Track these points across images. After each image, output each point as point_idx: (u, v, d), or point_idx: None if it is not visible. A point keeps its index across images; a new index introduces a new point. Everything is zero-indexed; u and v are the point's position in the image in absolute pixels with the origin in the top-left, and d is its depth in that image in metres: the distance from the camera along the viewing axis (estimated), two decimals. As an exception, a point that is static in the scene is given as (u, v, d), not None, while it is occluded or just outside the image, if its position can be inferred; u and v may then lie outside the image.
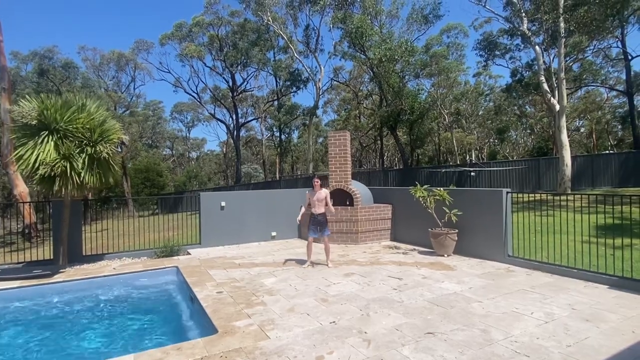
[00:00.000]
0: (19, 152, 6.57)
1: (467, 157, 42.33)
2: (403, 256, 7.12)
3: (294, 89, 28.73)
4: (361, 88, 36.81)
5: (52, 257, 7.43)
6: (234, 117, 32.90)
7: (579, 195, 8.67)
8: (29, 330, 4.71)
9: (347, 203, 8.69)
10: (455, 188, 8.15)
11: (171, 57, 43.99)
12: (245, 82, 33.41)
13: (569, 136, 21.52)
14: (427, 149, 43.02)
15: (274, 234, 9.46)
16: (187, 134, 55.01)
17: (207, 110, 39.31)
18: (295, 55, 25.99)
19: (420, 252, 7.40)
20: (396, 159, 47.80)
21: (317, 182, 6.67)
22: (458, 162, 33.23)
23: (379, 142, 34.40)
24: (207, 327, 3.99)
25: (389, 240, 8.86)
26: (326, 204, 6.58)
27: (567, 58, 20.35)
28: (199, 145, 60.03)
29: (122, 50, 31.75)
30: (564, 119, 15.45)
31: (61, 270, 6.72)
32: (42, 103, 6.75)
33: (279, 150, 37.06)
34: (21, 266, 7.18)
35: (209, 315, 4.16)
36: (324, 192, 6.58)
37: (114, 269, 6.82)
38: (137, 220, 13.71)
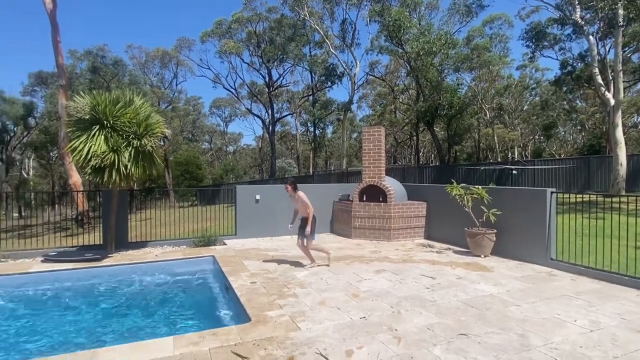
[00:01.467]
0: (74, 144, 7.08)
1: (509, 154, 40.33)
2: (437, 255, 6.96)
3: (329, 84, 28.66)
4: (397, 82, 36.08)
5: (101, 243, 7.99)
6: (270, 112, 33.44)
7: (634, 197, 8.01)
8: (79, 309, 5.11)
9: (380, 199, 8.59)
10: (494, 187, 7.83)
11: (211, 53, 45.40)
12: (281, 78, 33.83)
13: (625, 133, 19.88)
14: (465, 146, 41.49)
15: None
16: (225, 129, 56.66)
17: (244, 106, 40.22)
18: (331, 50, 25.91)
19: (455, 252, 7.20)
20: (432, 155, 46.54)
21: (288, 187, 6.16)
22: (499, 160, 31.75)
23: (414, 138, 33.62)
24: (241, 315, 4.14)
25: (423, 239, 8.68)
26: (307, 207, 6.09)
27: (625, 48, 18.74)
28: (235, 140, 61.67)
29: (165, 48, 33.20)
30: (619, 115, 14.30)
31: (109, 255, 7.22)
32: (94, 99, 7.23)
33: (312, 145, 37.25)
34: (75, 250, 7.79)
35: (242, 304, 4.31)
36: (300, 195, 6.12)
37: (156, 255, 7.23)
38: (177, 211, 14.39)
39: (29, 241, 9.51)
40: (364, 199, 8.79)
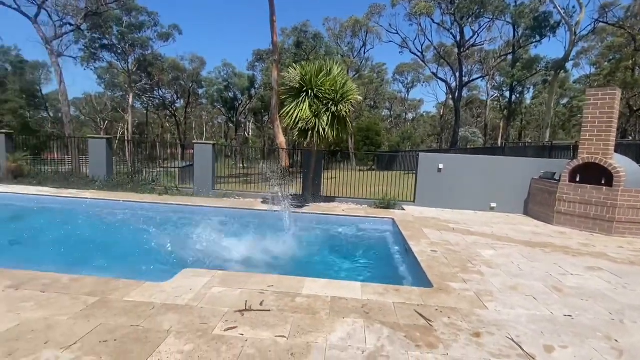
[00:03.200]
0: (286, 109, 8.46)
1: None
2: (690, 264, 5.12)
3: (537, 38, 23.81)
4: (644, 29, 26.62)
5: (301, 193, 9.50)
6: (458, 75, 30.82)
7: None
8: (290, 242, 6.26)
9: (603, 182, 6.84)
10: None
11: (400, 17, 44.87)
12: (475, 36, 30.29)
13: None
14: None
15: (493, 205, 8.69)
16: (406, 95, 55.99)
17: (429, 69, 38.43)
18: (546, -6, 21.21)
19: None
20: (692, 129, 33.29)
21: None
22: None
23: (663, 104, 24.60)
24: (422, 280, 4.21)
25: (665, 240, 6.51)
26: None
27: None
28: (415, 107, 60.27)
29: (357, 17, 34.71)
30: None
31: (307, 205, 8.53)
32: (303, 69, 8.34)
33: (505, 112, 32.57)
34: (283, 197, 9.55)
35: (423, 269, 4.35)
36: None
37: (342, 210, 8.08)
38: (357, 173, 15.50)
39: (250, 186, 12.26)
40: (577, 179, 7.18)
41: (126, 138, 34.51)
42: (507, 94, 30.69)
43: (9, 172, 9.89)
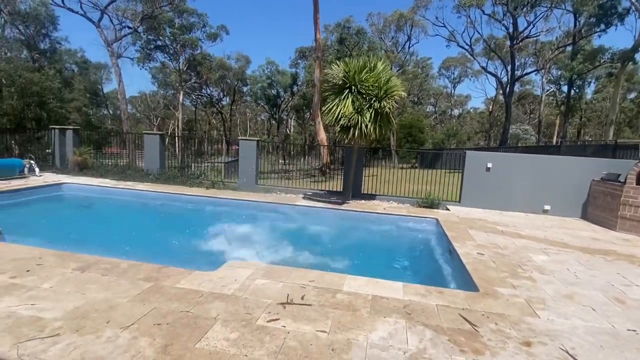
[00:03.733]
0: (329, 106, 8.47)
1: None
2: None
3: (602, 26, 21.79)
4: None
5: (341, 190, 9.50)
6: (509, 68, 29.10)
7: None
8: (328, 238, 6.35)
9: (677, 185, 6.16)
10: None
11: (448, 9, 43.22)
12: (530, 26, 28.36)
13: None
14: None
15: (547, 207, 8.14)
16: (452, 91, 53.86)
17: (478, 63, 36.64)
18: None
19: None
20: None
21: None
22: None
23: None
24: (467, 283, 4.05)
25: None
26: None
27: None
28: (462, 103, 57.80)
29: (402, 10, 33.87)
30: None
31: (347, 202, 8.52)
32: (346, 66, 8.30)
33: (562, 108, 30.29)
34: (323, 193, 9.61)
35: (469, 272, 4.19)
36: None
37: (384, 209, 7.98)
38: (398, 171, 15.19)
39: (290, 182, 12.46)
40: (646, 181, 6.54)
41: (176, 134, 36.46)
42: (565, 88, 28.42)
43: (76, 165, 10.85)
